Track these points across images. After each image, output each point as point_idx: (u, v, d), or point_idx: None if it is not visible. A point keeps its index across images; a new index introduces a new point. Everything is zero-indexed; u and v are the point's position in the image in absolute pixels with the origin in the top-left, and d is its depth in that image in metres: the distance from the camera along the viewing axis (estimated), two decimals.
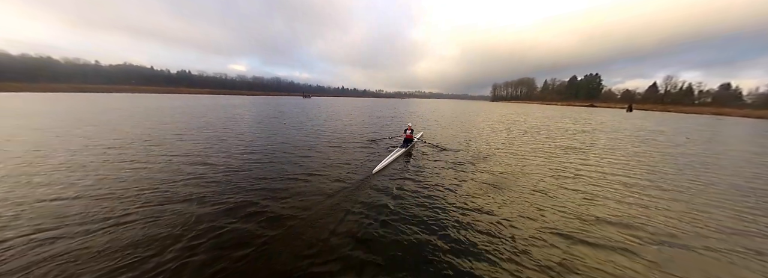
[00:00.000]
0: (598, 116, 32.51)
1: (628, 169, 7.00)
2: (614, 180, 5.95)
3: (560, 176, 6.18)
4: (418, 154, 8.18)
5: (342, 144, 9.36)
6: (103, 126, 11.46)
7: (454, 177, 5.90)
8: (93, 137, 9.02)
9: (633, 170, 6.95)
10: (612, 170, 6.80)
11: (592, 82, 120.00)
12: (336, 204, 4.26)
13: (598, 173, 6.55)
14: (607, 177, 6.19)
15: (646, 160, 8.13)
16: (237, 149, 8.11)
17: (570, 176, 6.13)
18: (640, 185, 5.63)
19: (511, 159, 7.65)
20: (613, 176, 6.23)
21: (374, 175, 5.95)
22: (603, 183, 5.73)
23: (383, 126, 15.31)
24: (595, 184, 5.63)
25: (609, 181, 5.90)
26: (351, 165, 6.69)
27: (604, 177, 6.16)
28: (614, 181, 5.90)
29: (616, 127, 19.07)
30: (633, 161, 7.83)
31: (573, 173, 6.40)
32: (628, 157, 8.48)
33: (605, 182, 5.84)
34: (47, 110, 18.75)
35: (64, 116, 14.60)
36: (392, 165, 6.83)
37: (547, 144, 10.41)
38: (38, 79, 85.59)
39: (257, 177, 5.52)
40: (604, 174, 6.39)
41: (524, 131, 14.79)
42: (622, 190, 5.33)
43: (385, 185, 5.30)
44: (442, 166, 6.84)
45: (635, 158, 8.41)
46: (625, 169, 6.99)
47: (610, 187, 5.51)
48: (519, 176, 5.97)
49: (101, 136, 9.20)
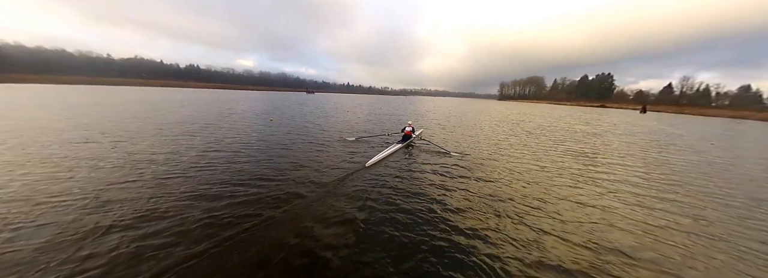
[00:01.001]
0: (609, 117, 30.99)
1: (648, 181, 5.99)
2: (631, 195, 4.98)
3: (566, 186, 5.24)
4: (415, 151, 7.94)
5: (337, 139, 9.07)
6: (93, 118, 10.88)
7: (447, 176, 5.55)
8: None
9: (653, 181, 5.94)
10: (628, 181, 5.81)
11: (604, 82, 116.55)
12: (326, 194, 4.32)
13: (611, 183, 5.58)
14: (622, 190, 5.22)
15: (668, 169, 7.09)
16: (224, 141, 8.02)
17: (577, 188, 5.18)
18: (665, 203, 4.66)
19: (510, 163, 6.71)
20: (630, 190, 5.25)
21: (367, 168, 5.87)
22: (617, 198, 4.77)
23: (379, 124, 14.43)
24: (608, 198, 4.68)
25: (625, 195, 4.93)
26: (344, 159, 6.60)
27: (618, 190, 5.19)
28: (631, 196, 4.92)
29: (629, 129, 17.80)
30: (653, 171, 6.80)
31: (581, 184, 5.44)
32: (646, 165, 7.44)
33: (620, 196, 4.88)
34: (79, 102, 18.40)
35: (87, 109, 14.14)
36: (387, 160, 6.70)
37: (554, 148, 9.39)
38: (52, 71, 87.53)
39: (242, 168, 5.46)
40: (617, 186, 5.41)
41: (528, 132, 13.73)
42: (642, 209, 4.36)
43: (376, 178, 5.23)
44: (436, 163, 6.49)
45: (655, 166, 7.37)
46: (643, 180, 5.98)
47: (627, 203, 4.55)
48: (514, 183, 5.05)
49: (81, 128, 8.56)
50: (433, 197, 4.40)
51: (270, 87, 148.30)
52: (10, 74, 71.12)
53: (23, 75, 71.21)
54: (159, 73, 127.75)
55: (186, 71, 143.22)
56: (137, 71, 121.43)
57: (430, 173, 5.68)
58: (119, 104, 18.98)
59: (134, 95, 32.64)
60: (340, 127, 12.36)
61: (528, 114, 29.89)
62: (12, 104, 16.20)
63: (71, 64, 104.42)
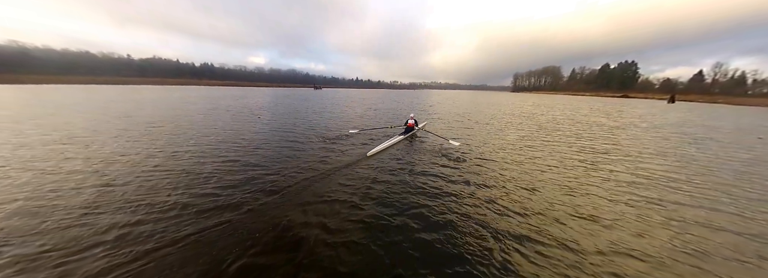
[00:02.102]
0: (633, 109, 28.40)
1: (689, 186, 4.64)
2: (670, 207, 3.71)
3: (584, 193, 4.03)
4: (416, 142, 7.97)
5: (337, 132, 9.28)
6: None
7: (445, 168, 5.41)
8: None
9: (696, 187, 4.59)
10: (663, 187, 4.50)
11: (627, 70, 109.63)
12: (325, 179, 4.52)
13: (639, 190, 4.30)
14: (656, 201, 3.95)
15: (712, 171, 5.65)
16: (227, 133, 8.67)
17: (592, 195, 3.96)
18: (714, 214, 3.38)
19: (511, 162, 5.50)
20: (668, 200, 3.97)
21: (368, 157, 5.99)
22: (652, 212, 3.53)
23: (374, 119, 13.34)
24: (638, 211, 3.46)
25: (661, 209, 3.67)
26: (346, 148, 6.81)
27: (650, 201, 3.92)
28: (670, 208, 3.66)
29: (658, 121, 15.84)
30: (695, 175, 5.40)
31: (598, 189, 4.20)
32: (685, 166, 6.01)
33: (656, 208, 3.63)
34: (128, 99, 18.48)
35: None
36: (388, 150, 6.78)
37: (567, 144, 8.01)
38: (78, 72, 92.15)
39: (245, 155, 5.94)
40: (648, 194, 4.13)
41: (539, 126, 12.24)
42: (685, 226, 3.12)
43: (378, 166, 5.36)
44: (434, 155, 6.44)
45: (695, 167, 5.93)
46: (683, 185, 4.64)
47: (663, 217, 3.32)
48: (513, 190, 3.92)
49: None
50: (427, 185, 4.44)
51: (280, 84, 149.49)
52: (39, 75, 75.49)
53: (50, 76, 75.10)
54: (176, 72, 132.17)
55: (201, 69, 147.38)
56: (155, 70, 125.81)
57: (428, 164, 5.68)
58: (160, 99, 18.83)
59: (165, 93, 32.95)
60: (332, 123, 11.37)
61: (542, 106, 27.84)
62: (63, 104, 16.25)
63: (95, 65, 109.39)
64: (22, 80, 60.51)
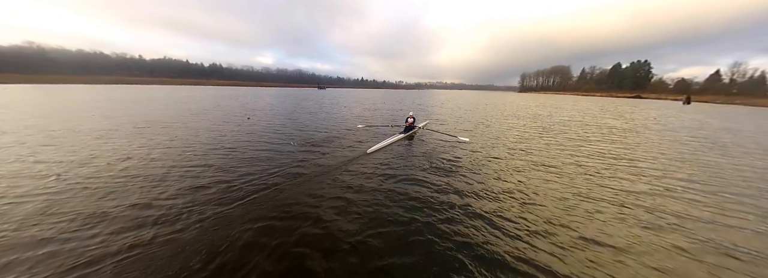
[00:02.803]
0: (647, 110, 27.14)
1: (717, 202, 3.94)
2: (698, 230, 3.05)
3: (591, 211, 3.39)
4: (416, 140, 8.12)
5: (339, 130, 9.52)
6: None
7: (442, 167, 5.47)
8: None
9: (725, 202, 3.89)
10: (687, 203, 3.81)
11: (640, 70, 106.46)
12: (325, 174, 4.69)
13: (660, 201, 3.63)
14: (681, 217, 3.28)
15: (741, 182, 4.90)
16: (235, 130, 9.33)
17: (608, 213, 3.31)
18: (747, 237, 2.70)
19: (514, 169, 4.88)
20: (693, 217, 3.30)
21: (368, 155, 6.13)
22: (676, 236, 2.88)
23: (373, 120, 12.79)
24: (658, 235, 2.81)
25: (685, 228, 3.01)
26: (346, 146, 7.02)
27: (677, 222, 3.26)
28: (698, 231, 3.00)
29: (673, 124, 14.85)
30: (721, 186, 4.67)
31: (615, 204, 3.55)
32: (709, 176, 5.26)
33: (680, 231, 2.98)
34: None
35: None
36: (389, 148, 6.91)
37: (572, 150, 7.29)
38: (92, 72, 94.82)
39: (254, 150, 6.36)
40: (667, 208, 3.45)
41: (543, 129, 11.48)
42: (719, 259, 2.46)
43: (378, 163, 5.50)
44: (431, 154, 6.49)
45: (721, 178, 5.18)
46: (709, 200, 3.95)
47: (691, 243, 2.66)
48: (515, 199, 3.32)
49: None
50: (423, 181, 4.55)
51: (286, 84, 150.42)
52: (55, 75, 77.82)
53: (65, 76, 77.28)
54: (185, 72, 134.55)
55: (210, 69, 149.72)
56: (166, 70, 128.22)
57: (425, 161, 5.83)
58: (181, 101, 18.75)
59: (172, 93, 33.16)
60: (323, 125, 10.87)
61: (549, 107, 26.83)
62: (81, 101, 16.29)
63: (108, 65, 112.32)
64: (39, 80, 62.54)
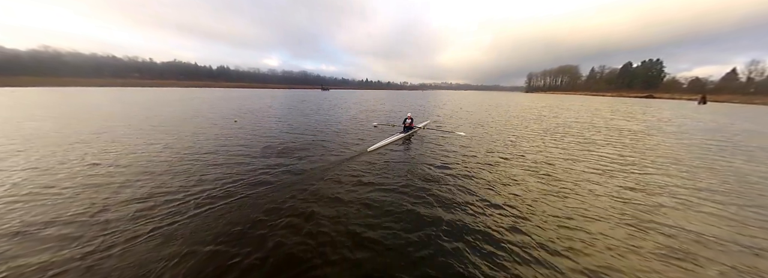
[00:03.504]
0: (659, 110, 25.86)
1: (747, 218, 3.19)
2: (722, 249, 2.34)
3: (602, 233, 2.70)
4: (414, 140, 8.28)
5: (340, 128, 9.87)
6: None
7: (437, 165, 5.56)
8: None
9: (757, 219, 3.14)
10: (710, 217, 3.08)
11: (652, 69, 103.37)
12: (328, 170, 4.97)
13: (680, 217, 2.92)
14: (700, 235, 2.57)
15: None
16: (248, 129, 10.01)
17: (615, 237, 2.63)
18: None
19: (508, 179, 4.21)
20: (720, 239, 2.59)
21: (369, 152, 6.38)
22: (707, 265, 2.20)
23: (368, 122, 12.20)
24: (679, 258, 2.14)
25: (710, 249, 2.31)
26: (347, 144, 7.37)
27: (699, 242, 2.55)
28: (722, 250, 2.30)
29: (689, 125, 13.83)
30: (750, 200, 3.89)
31: (628, 222, 2.86)
32: (736, 187, 4.47)
33: (702, 256, 2.29)
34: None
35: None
36: (389, 146, 7.16)
37: (576, 155, 6.53)
38: (104, 75, 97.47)
39: (258, 148, 6.74)
40: (696, 224, 2.74)
41: (546, 131, 10.68)
42: None
43: (379, 160, 5.76)
44: (426, 154, 6.57)
45: (752, 190, 4.38)
46: (737, 215, 3.20)
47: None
48: (509, 215, 2.69)
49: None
50: (420, 178, 4.69)
51: (291, 85, 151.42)
52: (70, 77, 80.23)
53: (79, 79, 79.51)
54: (194, 74, 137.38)
55: (218, 72, 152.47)
56: (175, 72, 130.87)
57: (422, 158, 6.12)
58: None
59: (177, 95, 33.32)
60: (311, 128, 10.32)
61: (555, 107, 25.79)
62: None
63: (120, 68, 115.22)
64: (53, 83, 64.28)
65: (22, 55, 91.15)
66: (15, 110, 14.28)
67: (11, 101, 20.49)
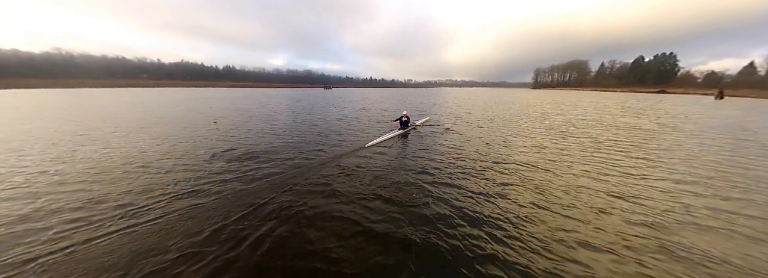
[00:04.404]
0: (672, 106, 24.51)
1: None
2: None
3: (600, 261, 2.09)
4: (411, 136, 8.46)
5: (321, 130, 9.63)
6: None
7: (433, 164, 5.47)
8: None
9: None
10: (742, 238, 2.37)
11: (665, 63, 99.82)
12: (325, 163, 5.33)
13: (708, 239, 2.25)
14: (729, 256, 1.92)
15: None
16: None
17: (627, 264, 2.00)
18: None
19: (500, 189, 3.57)
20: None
21: (367, 147, 6.65)
22: None
23: (361, 122, 11.60)
24: None
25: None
26: (346, 140, 7.66)
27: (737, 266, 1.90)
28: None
29: (709, 123, 12.78)
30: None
31: (645, 246, 2.21)
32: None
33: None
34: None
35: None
36: (386, 142, 7.38)
37: (578, 158, 5.78)
38: (114, 77, 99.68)
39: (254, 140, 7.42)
40: (719, 241, 2.08)
41: (548, 130, 9.88)
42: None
43: (373, 155, 6.05)
44: (427, 150, 6.64)
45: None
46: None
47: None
48: None
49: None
50: (414, 173, 4.81)
51: (295, 84, 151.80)
52: (79, 79, 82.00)
53: (81, 80, 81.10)
54: (201, 75, 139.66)
55: (224, 72, 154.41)
56: (183, 73, 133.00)
57: (419, 153, 6.24)
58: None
59: (181, 95, 33.38)
60: (290, 130, 9.76)
61: (561, 104, 24.71)
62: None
63: (129, 69, 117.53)
64: (63, 85, 65.58)
65: (36, 57, 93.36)
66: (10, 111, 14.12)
67: (21, 101, 20.55)
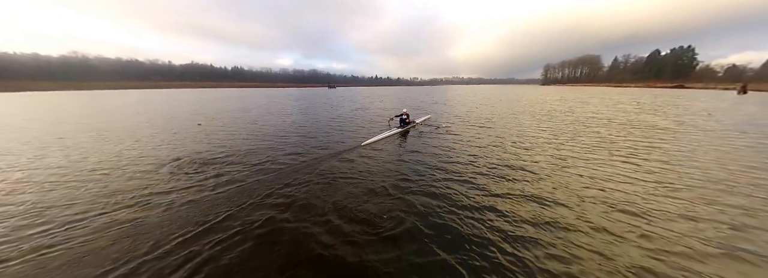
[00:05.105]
0: (692, 101, 22.91)
1: None
2: None
3: None
4: (410, 135, 8.27)
5: (306, 131, 9.13)
6: None
7: (431, 161, 5.40)
8: None
9: None
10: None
11: (683, 56, 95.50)
12: (319, 161, 5.28)
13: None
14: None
15: None
16: None
17: None
18: None
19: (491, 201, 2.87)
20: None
21: (363, 146, 6.54)
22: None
23: (357, 121, 10.94)
24: None
25: None
26: (343, 138, 7.67)
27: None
28: None
29: (733, 120, 11.57)
30: None
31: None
32: None
33: None
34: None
35: None
36: (384, 141, 7.27)
37: (596, 164, 4.95)
38: (128, 78, 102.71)
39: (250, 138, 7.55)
40: None
41: (554, 133, 8.98)
42: None
43: (372, 154, 5.90)
44: (426, 148, 6.45)
45: None
46: None
47: None
48: None
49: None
50: (413, 171, 4.73)
51: (301, 84, 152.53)
52: (97, 81, 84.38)
53: (92, 82, 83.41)
54: (210, 76, 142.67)
55: (232, 72, 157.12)
56: (193, 74, 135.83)
57: (417, 150, 6.22)
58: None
59: (185, 96, 33.56)
60: (276, 131, 9.17)
61: (571, 101, 23.44)
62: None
63: (142, 71, 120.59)
64: (79, 87, 67.36)
65: (54, 61, 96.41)
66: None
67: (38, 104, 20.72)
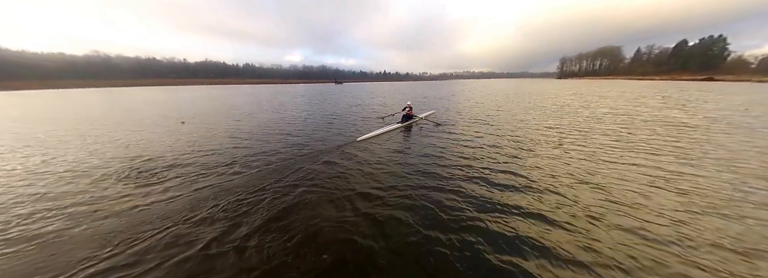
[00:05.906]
0: (724, 95, 20.80)
1: None
2: None
3: None
4: (413, 130, 7.98)
5: (292, 130, 8.56)
6: None
7: (429, 161, 5.07)
8: None
9: None
10: None
11: (713, 47, 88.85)
12: (309, 158, 5.12)
13: None
14: None
15: None
16: None
17: None
18: None
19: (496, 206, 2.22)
20: None
21: (357, 142, 6.33)
22: None
23: (352, 118, 10.23)
24: None
25: None
26: (338, 133, 7.52)
27: None
28: None
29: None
30: None
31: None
32: None
33: None
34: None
35: None
36: (382, 136, 7.07)
37: (613, 169, 4.01)
38: (147, 76, 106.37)
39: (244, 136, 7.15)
40: None
41: (562, 134, 7.94)
42: None
43: (364, 150, 5.70)
44: (422, 142, 6.33)
45: None
46: None
47: None
48: None
49: None
50: (407, 169, 4.56)
51: (309, 80, 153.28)
52: (117, 79, 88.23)
53: (113, 81, 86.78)
54: (224, 73, 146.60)
55: (244, 69, 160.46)
56: (207, 72, 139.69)
57: (415, 149, 5.83)
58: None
59: (196, 93, 33.97)
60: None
61: (587, 95, 21.76)
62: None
63: (159, 69, 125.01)
64: (102, 85, 70.07)
65: (79, 60, 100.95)
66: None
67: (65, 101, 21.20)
